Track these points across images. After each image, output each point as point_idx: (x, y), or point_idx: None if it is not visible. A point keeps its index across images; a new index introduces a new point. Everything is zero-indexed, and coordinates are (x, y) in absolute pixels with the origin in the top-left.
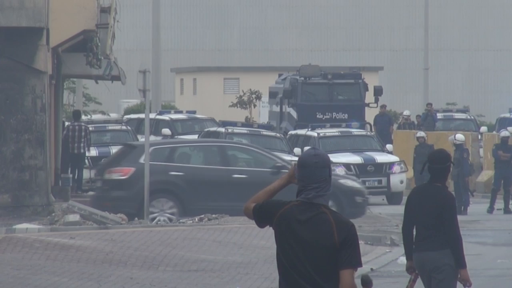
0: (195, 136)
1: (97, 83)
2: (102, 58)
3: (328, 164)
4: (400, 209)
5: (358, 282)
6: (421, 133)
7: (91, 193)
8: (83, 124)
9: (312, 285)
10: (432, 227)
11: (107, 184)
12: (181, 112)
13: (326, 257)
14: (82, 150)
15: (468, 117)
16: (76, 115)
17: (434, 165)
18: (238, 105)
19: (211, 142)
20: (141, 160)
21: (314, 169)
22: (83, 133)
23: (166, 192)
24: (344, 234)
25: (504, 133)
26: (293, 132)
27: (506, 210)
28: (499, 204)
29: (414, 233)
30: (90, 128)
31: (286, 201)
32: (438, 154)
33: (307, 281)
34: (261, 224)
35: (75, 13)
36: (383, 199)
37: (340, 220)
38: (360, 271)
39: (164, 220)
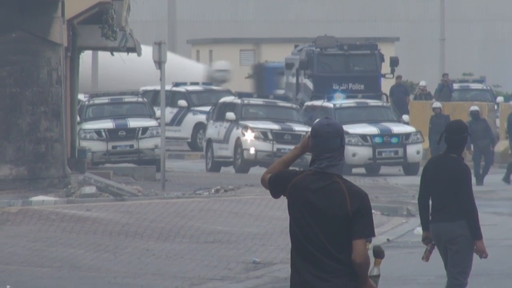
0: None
1: (112, 55)
2: (118, 30)
3: (340, 133)
4: (416, 179)
5: (371, 253)
6: (437, 104)
7: (107, 165)
8: None
9: (325, 255)
10: (447, 198)
11: None
12: (197, 83)
13: (339, 227)
14: None
15: (485, 87)
16: None
17: (450, 136)
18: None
19: None
20: None
21: (326, 139)
22: None
23: None
24: (357, 204)
25: None
26: (309, 103)
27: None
28: None
29: (430, 203)
30: (106, 100)
31: (299, 171)
32: (455, 124)
33: (320, 251)
34: (275, 194)
35: None
36: (399, 170)
37: (353, 190)
38: (376, 241)
39: None
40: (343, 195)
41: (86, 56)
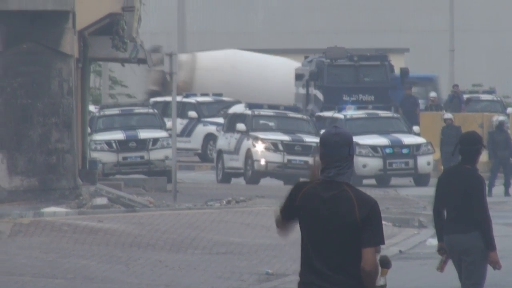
0: (220, 119)
1: (123, 66)
2: (128, 41)
3: (349, 142)
4: (427, 190)
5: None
6: (448, 115)
7: (118, 176)
8: None
9: (334, 264)
10: (461, 209)
11: None
12: (207, 94)
13: (348, 235)
14: None
15: (495, 98)
16: None
17: (464, 147)
18: None
19: None
20: None
21: (334, 148)
22: None
23: None
24: (366, 211)
25: None
26: (319, 114)
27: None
28: None
29: (445, 214)
30: (117, 112)
31: (307, 182)
32: (468, 135)
33: (329, 260)
34: (288, 219)
35: None
36: (410, 181)
37: (362, 198)
38: (388, 253)
39: None
40: (352, 203)
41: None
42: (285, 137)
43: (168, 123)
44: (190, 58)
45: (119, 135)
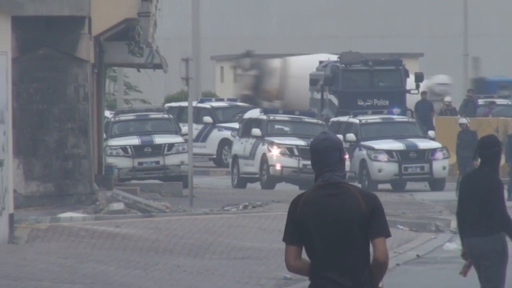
0: (235, 124)
1: (139, 71)
2: (144, 46)
3: (338, 147)
4: (442, 195)
5: None
6: (463, 120)
7: (133, 181)
8: None
9: (346, 263)
10: (479, 212)
11: None
12: (222, 99)
13: (356, 230)
14: None
15: (509, 103)
16: None
17: (482, 150)
18: None
19: None
20: None
21: (324, 153)
22: None
23: None
24: (371, 204)
25: None
26: (334, 119)
27: None
28: None
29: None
30: (132, 117)
31: (300, 194)
32: (486, 139)
33: (339, 259)
34: (298, 242)
35: (117, 2)
36: (425, 186)
37: (364, 192)
38: (406, 257)
39: None
40: (356, 197)
41: None
42: (300, 142)
43: (184, 128)
44: (282, 64)
45: (134, 141)
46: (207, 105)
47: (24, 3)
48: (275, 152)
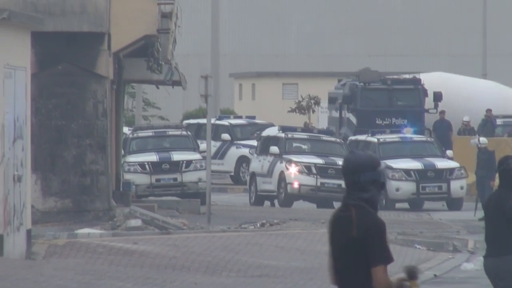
0: (253, 142)
1: (158, 88)
2: (163, 63)
3: (358, 168)
4: (460, 215)
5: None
6: (483, 140)
7: (151, 198)
8: None
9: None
10: (495, 232)
11: None
12: (240, 117)
13: (351, 255)
14: None
15: None
16: None
17: (500, 170)
18: (297, 111)
19: None
20: None
21: (344, 174)
22: None
23: None
24: (363, 231)
25: None
26: (353, 137)
27: None
28: None
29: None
30: (150, 133)
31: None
32: (504, 159)
33: (343, 283)
34: None
35: (137, 18)
36: (443, 205)
37: (362, 218)
38: (423, 277)
39: None
40: (351, 222)
41: None
42: (319, 160)
43: (202, 145)
44: None
45: (152, 157)
46: (225, 122)
47: (44, 18)
48: (293, 170)
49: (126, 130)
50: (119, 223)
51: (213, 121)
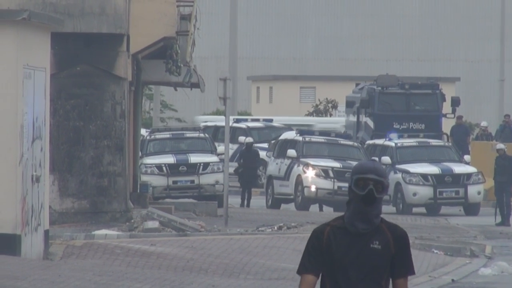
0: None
1: (176, 90)
2: (182, 65)
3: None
4: (477, 220)
5: None
6: (500, 145)
7: (168, 200)
8: None
9: None
10: None
11: None
12: (258, 120)
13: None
14: None
15: None
16: None
17: None
18: (314, 114)
19: None
20: None
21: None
22: None
23: None
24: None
25: None
26: (370, 141)
27: None
28: None
29: None
30: (167, 135)
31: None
32: None
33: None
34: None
35: (156, 20)
36: (460, 210)
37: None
38: (441, 281)
39: None
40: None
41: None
42: (336, 164)
43: (219, 148)
44: None
45: (169, 159)
46: (242, 125)
47: (63, 19)
48: (310, 173)
49: (143, 132)
50: (136, 225)
51: (230, 123)
